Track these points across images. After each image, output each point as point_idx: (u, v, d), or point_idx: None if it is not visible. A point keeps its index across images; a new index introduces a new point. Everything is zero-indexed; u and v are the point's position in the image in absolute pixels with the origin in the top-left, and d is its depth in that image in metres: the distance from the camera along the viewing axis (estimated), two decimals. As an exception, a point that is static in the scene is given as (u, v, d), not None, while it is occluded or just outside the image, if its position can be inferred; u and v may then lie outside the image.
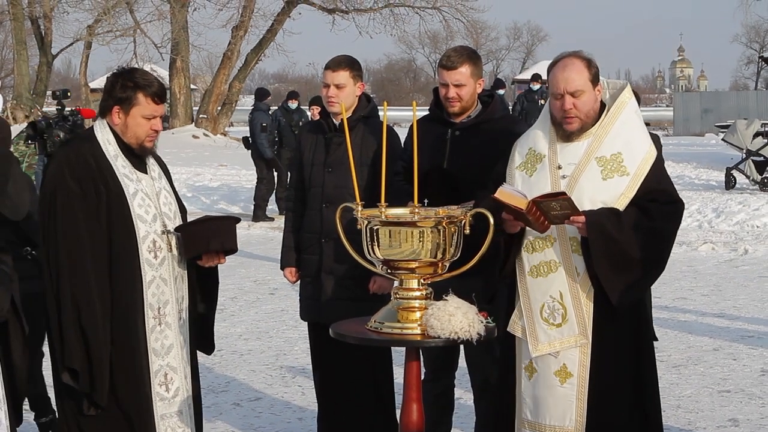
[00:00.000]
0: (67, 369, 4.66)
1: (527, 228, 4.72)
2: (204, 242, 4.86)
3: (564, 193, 4.52)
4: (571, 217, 4.53)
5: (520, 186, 4.82)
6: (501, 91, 23.14)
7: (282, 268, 6.36)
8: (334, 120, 5.97)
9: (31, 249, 5.71)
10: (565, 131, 4.78)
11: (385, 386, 6.07)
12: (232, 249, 4.95)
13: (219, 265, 4.98)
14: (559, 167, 4.76)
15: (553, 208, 4.52)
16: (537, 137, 4.91)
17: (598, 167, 4.69)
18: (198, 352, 5.12)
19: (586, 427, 4.70)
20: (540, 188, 4.65)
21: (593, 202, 4.65)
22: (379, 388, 6.03)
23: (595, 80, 4.76)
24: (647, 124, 9.27)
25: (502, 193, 4.51)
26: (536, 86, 23.44)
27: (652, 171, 4.72)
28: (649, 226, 4.63)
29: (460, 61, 5.55)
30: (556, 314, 4.74)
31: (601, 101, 4.84)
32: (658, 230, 4.66)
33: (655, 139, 9.14)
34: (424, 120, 5.74)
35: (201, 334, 5.09)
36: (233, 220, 5.02)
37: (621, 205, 4.66)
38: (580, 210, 4.55)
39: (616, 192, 4.66)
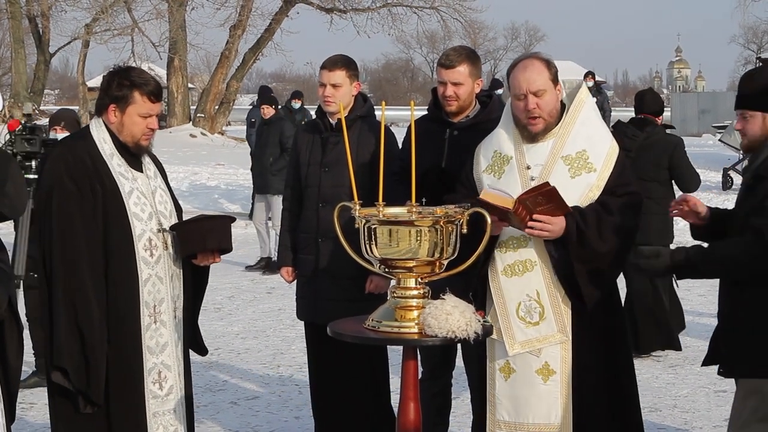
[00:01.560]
0: (58, 368, 4.66)
1: (504, 228, 4.76)
2: (200, 241, 4.86)
3: (547, 184, 4.53)
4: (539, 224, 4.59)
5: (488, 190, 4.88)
6: (499, 91, 23.19)
7: (278, 268, 6.37)
8: (330, 119, 5.98)
9: None
10: (530, 132, 4.83)
11: (382, 385, 6.08)
12: (227, 248, 4.96)
13: (212, 264, 4.99)
14: (528, 167, 4.81)
15: (539, 203, 4.54)
16: (501, 139, 4.95)
17: (566, 166, 4.74)
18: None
19: (575, 423, 4.72)
20: (511, 190, 4.68)
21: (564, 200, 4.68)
22: (375, 388, 6.03)
23: (555, 80, 4.83)
24: (671, 126, 9.30)
25: (487, 195, 4.52)
26: None
27: (617, 165, 4.79)
28: (610, 221, 4.67)
29: (459, 60, 5.55)
30: (533, 313, 4.76)
31: (561, 101, 4.90)
32: (618, 224, 4.67)
33: (679, 141, 9.20)
34: (423, 120, 5.75)
35: (192, 335, 5.10)
36: (228, 219, 5.03)
37: (590, 200, 4.72)
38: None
39: (584, 188, 4.72)
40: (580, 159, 4.75)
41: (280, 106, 15.18)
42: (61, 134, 8.57)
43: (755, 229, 4.18)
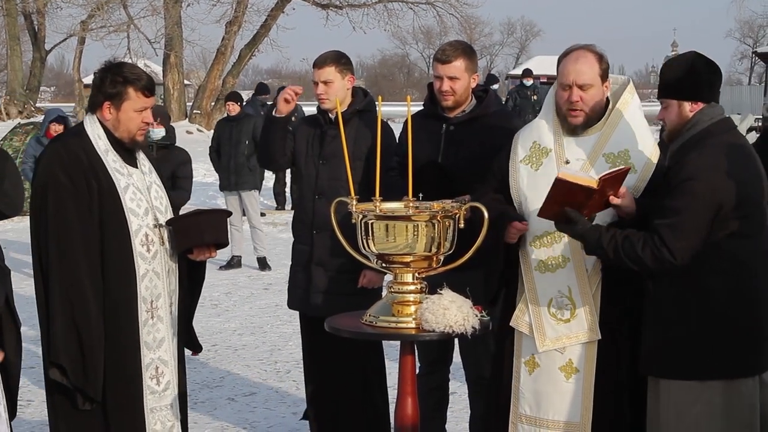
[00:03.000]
0: (56, 365, 4.66)
1: (532, 223, 4.69)
2: (197, 235, 4.86)
3: (626, 168, 4.42)
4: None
5: (526, 181, 4.80)
6: (494, 86, 23.10)
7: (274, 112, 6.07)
8: (329, 114, 5.98)
9: None
10: (569, 124, 4.75)
11: (377, 380, 6.08)
12: (224, 243, 4.96)
13: (208, 258, 4.99)
14: (567, 162, 4.72)
15: (614, 187, 4.40)
16: (541, 130, 4.86)
17: (607, 164, 4.64)
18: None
19: (592, 423, 4.68)
20: (548, 183, 4.46)
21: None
22: (369, 382, 6.03)
23: (604, 76, 4.74)
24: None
25: (567, 174, 4.30)
26: (529, 82, 23.43)
27: (657, 171, 4.65)
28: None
29: (455, 54, 5.55)
30: (564, 310, 4.70)
31: (607, 98, 4.82)
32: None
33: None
34: (419, 115, 5.74)
35: (186, 331, 5.11)
36: (224, 214, 5.03)
37: None
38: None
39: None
40: (621, 158, 4.65)
41: (244, 103, 15.17)
42: (157, 129, 8.76)
43: (659, 236, 4.14)
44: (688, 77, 4.36)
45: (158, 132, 8.84)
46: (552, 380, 4.75)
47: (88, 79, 40.69)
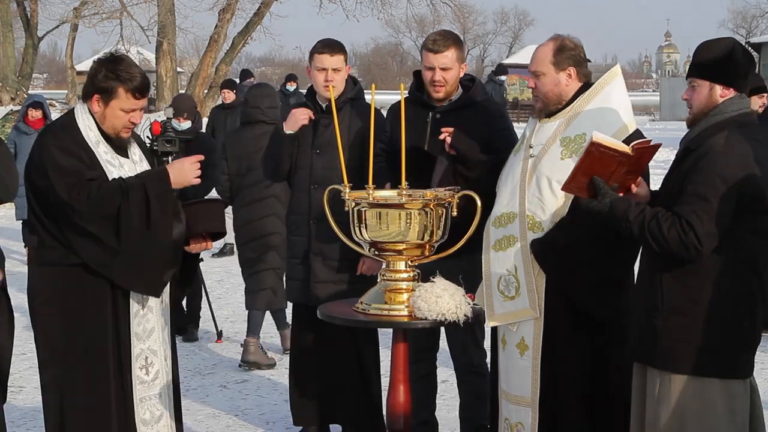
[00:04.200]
0: None
1: (497, 203, 4.81)
2: (195, 225, 4.83)
3: (659, 145, 4.36)
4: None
5: (507, 165, 4.96)
6: (503, 77, 23.04)
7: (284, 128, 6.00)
8: (320, 102, 5.97)
9: None
10: (538, 110, 4.92)
11: (373, 369, 6.09)
12: (222, 232, 4.95)
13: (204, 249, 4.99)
14: (531, 146, 4.85)
15: (641, 159, 4.31)
16: (529, 120, 5.02)
17: (560, 147, 4.74)
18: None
19: (540, 399, 4.76)
20: (513, 169, 4.80)
21: (549, 181, 4.69)
22: (363, 370, 6.05)
23: (558, 64, 4.82)
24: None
25: (601, 139, 4.18)
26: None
27: None
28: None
29: (447, 44, 5.54)
30: (510, 287, 4.81)
31: (588, 83, 4.87)
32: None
33: None
34: (405, 102, 5.75)
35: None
36: (221, 204, 5.02)
37: None
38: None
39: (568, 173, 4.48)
40: (576, 142, 4.73)
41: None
42: (184, 123, 8.85)
43: (687, 221, 4.01)
44: (726, 61, 4.22)
45: (183, 125, 8.94)
46: (512, 356, 4.87)
47: (81, 66, 40.66)
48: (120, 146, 4.83)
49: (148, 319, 4.83)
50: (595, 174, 4.19)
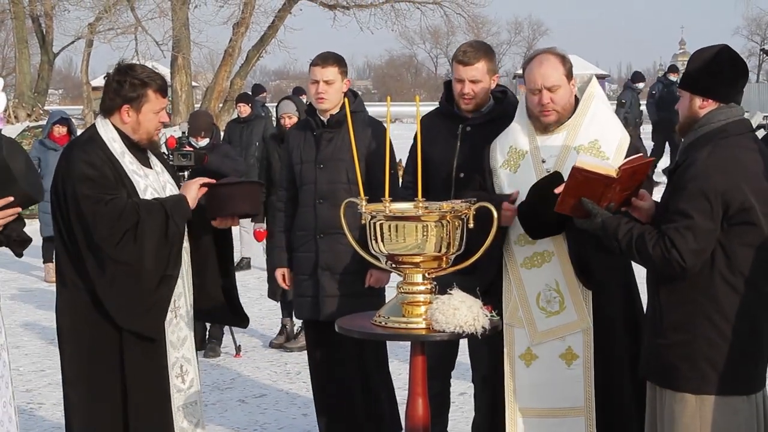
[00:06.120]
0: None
1: (518, 219, 4.74)
2: (233, 204, 4.88)
3: (652, 160, 4.39)
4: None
5: (507, 183, 4.92)
6: (640, 85, 21.97)
7: (274, 269, 6.34)
8: (321, 117, 5.97)
9: None
10: (542, 123, 4.86)
11: (381, 378, 6.08)
12: (256, 212, 5.28)
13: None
14: (543, 161, 4.84)
15: (635, 178, 4.31)
16: (516, 134, 4.98)
17: (578, 155, 4.65)
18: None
19: (597, 406, 4.76)
20: (528, 184, 4.70)
21: None
22: (369, 385, 6.04)
23: (569, 75, 4.86)
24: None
25: (584, 162, 4.20)
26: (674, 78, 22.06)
27: (630, 153, 4.69)
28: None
29: (477, 56, 5.47)
30: (553, 302, 4.80)
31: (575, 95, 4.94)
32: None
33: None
34: (434, 114, 5.72)
35: (231, 309, 5.19)
36: (258, 185, 5.15)
37: None
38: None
39: None
40: (592, 148, 4.78)
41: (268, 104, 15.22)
42: (202, 141, 9.04)
43: (669, 238, 3.99)
44: (705, 71, 4.13)
45: (201, 143, 9.20)
46: (552, 369, 4.82)
47: (96, 82, 40.78)
48: (143, 156, 4.86)
49: (181, 328, 4.88)
50: (582, 196, 4.20)
